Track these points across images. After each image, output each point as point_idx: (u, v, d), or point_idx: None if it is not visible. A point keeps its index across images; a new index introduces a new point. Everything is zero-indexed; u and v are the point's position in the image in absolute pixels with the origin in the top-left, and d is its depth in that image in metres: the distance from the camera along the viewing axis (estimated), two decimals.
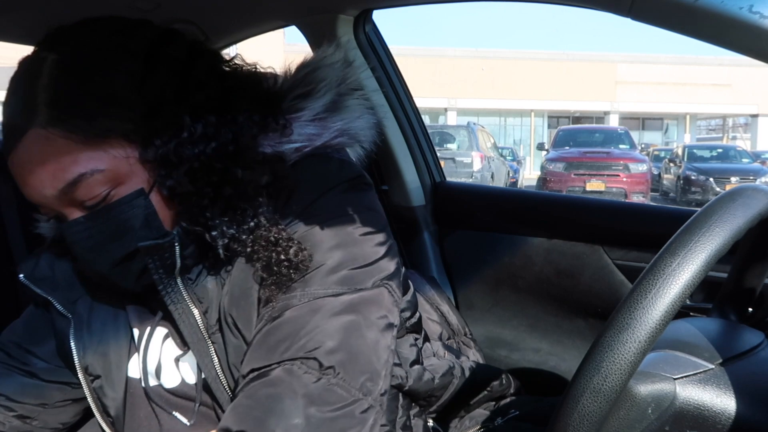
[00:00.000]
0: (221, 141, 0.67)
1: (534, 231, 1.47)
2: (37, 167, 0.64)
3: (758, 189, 0.59)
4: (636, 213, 1.48)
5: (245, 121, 0.69)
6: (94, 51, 0.67)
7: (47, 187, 0.65)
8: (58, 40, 0.69)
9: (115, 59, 0.67)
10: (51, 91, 0.64)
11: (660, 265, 0.51)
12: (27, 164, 0.64)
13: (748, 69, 23.05)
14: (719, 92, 24.85)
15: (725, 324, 0.75)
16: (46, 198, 0.66)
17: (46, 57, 0.66)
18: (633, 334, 0.50)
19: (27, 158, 0.64)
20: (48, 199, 0.66)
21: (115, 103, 0.65)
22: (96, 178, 0.65)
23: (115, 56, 0.67)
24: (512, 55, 25.29)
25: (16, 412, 0.82)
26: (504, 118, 27.03)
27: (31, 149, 0.64)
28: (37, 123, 0.63)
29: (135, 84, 0.66)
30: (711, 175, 12.64)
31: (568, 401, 0.51)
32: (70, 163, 0.64)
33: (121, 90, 0.66)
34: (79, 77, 0.65)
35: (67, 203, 0.66)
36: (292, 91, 0.75)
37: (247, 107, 0.70)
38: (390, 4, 1.47)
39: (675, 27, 0.67)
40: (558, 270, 1.43)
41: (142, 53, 0.68)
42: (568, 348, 1.42)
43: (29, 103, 0.64)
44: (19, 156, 0.64)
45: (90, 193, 0.65)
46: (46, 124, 0.63)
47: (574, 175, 11.31)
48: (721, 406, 0.57)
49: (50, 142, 0.63)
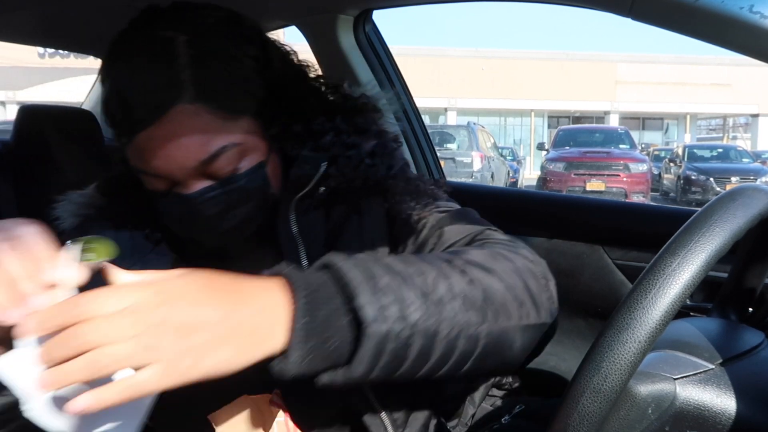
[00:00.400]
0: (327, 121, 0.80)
1: (534, 231, 1.47)
2: (184, 140, 0.68)
3: (758, 189, 0.59)
4: (636, 213, 1.49)
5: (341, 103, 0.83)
6: (221, 35, 0.72)
7: (190, 159, 0.69)
8: (175, 23, 0.71)
9: (240, 44, 0.73)
10: (194, 69, 0.68)
11: (660, 265, 0.51)
12: (172, 137, 0.68)
13: (748, 69, 23.05)
14: (719, 92, 24.85)
15: (725, 324, 0.75)
16: (183, 169, 0.69)
17: (175, 37, 0.69)
18: (633, 334, 0.49)
19: (173, 131, 0.67)
20: (184, 170, 0.70)
21: (246, 84, 0.72)
22: (233, 152, 0.71)
23: (240, 42, 0.73)
24: (512, 55, 25.30)
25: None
26: (504, 118, 27.04)
27: (177, 123, 0.67)
28: (184, 99, 0.67)
29: (258, 67, 0.74)
30: (711, 175, 12.64)
31: (568, 401, 0.51)
32: (214, 137, 0.69)
33: (250, 72, 0.73)
34: (218, 58, 0.70)
35: (200, 174, 0.71)
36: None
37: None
38: (390, 4, 1.48)
39: (675, 27, 0.67)
40: (558, 270, 1.42)
41: (258, 40, 0.76)
42: (567, 348, 1.41)
43: (173, 80, 0.67)
44: (163, 129, 0.67)
45: (225, 165, 0.71)
46: (193, 100, 0.67)
47: (574, 175, 11.31)
48: (722, 406, 0.57)
49: (197, 116, 0.68)
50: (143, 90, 0.68)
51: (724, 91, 24.76)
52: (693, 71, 24.46)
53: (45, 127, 1.83)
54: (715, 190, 12.02)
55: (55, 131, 1.83)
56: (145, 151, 0.69)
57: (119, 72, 0.70)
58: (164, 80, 0.68)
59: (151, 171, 0.71)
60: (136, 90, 0.68)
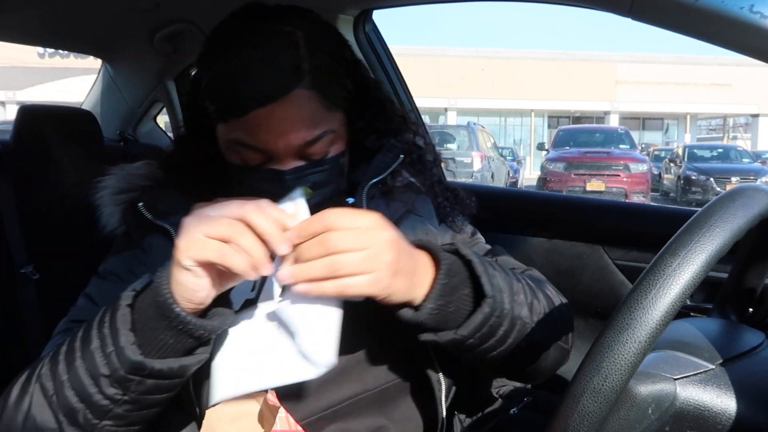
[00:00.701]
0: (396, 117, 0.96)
1: (534, 231, 1.47)
2: (298, 120, 0.77)
3: (759, 189, 0.59)
4: (636, 213, 1.49)
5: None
6: (328, 36, 0.83)
7: (298, 138, 0.77)
8: (293, 20, 0.80)
9: (339, 47, 0.84)
10: (311, 61, 0.77)
11: (660, 265, 0.51)
12: (289, 116, 0.76)
13: (748, 69, 23.05)
14: (720, 92, 24.85)
15: (726, 324, 0.75)
16: (290, 147, 0.78)
17: (294, 32, 0.78)
18: (633, 335, 0.49)
19: (290, 111, 0.76)
20: (290, 148, 0.78)
21: (342, 81, 0.82)
22: (328, 138, 0.80)
23: (339, 45, 0.84)
24: (512, 54, 25.30)
25: None
26: (504, 118, 27.04)
27: (296, 104, 0.76)
28: (303, 84, 0.76)
29: (349, 69, 0.85)
30: (711, 175, 12.64)
31: (568, 401, 0.51)
32: (319, 122, 0.79)
33: (345, 72, 0.83)
34: (327, 55, 0.80)
35: (299, 154, 0.79)
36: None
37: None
38: (390, 4, 1.48)
39: (675, 27, 0.67)
40: (558, 270, 1.43)
41: (349, 46, 0.86)
42: None
43: (296, 67, 0.76)
44: (282, 108, 0.76)
45: (320, 149, 0.80)
46: (309, 87, 0.77)
47: (574, 175, 11.31)
48: (722, 406, 0.57)
49: (310, 102, 0.77)
50: (270, 71, 0.76)
51: (725, 91, 24.76)
52: (693, 71, 24.47)
53: (45, 127, 1.83)
54: (715, 190, 12.03)
55: (55, 131, 1.83)
56: (260, 126, 0.76)
57: (237, 55, 0.77)
58: (289, 66, 0.76)
59: (259, 145, 0.78)
60: (262, 71, 0.76)
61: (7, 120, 12.94)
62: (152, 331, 0.63)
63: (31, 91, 20.34)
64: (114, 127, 2.19)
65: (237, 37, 0.79)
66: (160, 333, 0.63)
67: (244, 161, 0.81)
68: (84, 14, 1.61)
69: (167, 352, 0.64)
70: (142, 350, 0.63)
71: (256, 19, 0.81)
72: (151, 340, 0.64)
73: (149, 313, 0.64)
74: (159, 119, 2.39)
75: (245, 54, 0.76)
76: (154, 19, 1.61)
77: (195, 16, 1.59)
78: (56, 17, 1.62)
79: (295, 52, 0.77)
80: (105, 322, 0.65)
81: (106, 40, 1.86)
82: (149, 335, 0.64)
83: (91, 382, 0.64)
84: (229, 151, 0.82)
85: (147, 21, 1.62)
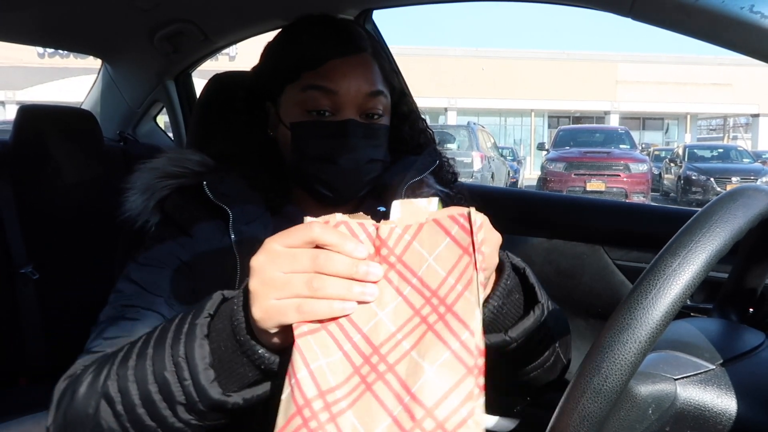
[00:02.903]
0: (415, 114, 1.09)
1: (534, 231, 1.47)
2: (366, 72, 0.90)
3: (759, 189, 0.59)
4: (636, 213, 1.49)
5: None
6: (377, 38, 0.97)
7: (365, 86, 0.89)
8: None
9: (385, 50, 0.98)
10: (371, 41, 0.94)
11: (660, 266, 0.51)
12: (361, 66, 0.90)
13: (749, 69, 23.05)
14: (720, 92, 24.85)
15: (726, 324, 0.75)
16: (358, 92, 0.88)
17: (357, 24, 0.99)
18: (633, 335, 0.49)
19: (362, 63, 0.90)
20: (357, 94, 0.88)
21: (389, 76, 0.95)
22: (383, 99, 0.91)
23: (384, 49, 0.98)
24: (512, 55, 25.30)
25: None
26: (504, 118, 27.04)
27: (365, 61, 0.91)
28: (368, 52, 0.92)
29: (392, 72, 0.98)
30: (712, 175, 12.64)
31: (569, 402, 0.51)
32: (378, 81, 0.91)
33: (390, 71, 0.97)
34: (380, 48, 0.97)
35: (360, 107, 0.89)
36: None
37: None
38: (390, 4, 1.48)
39: (675, 27, 0.67)
40: (558, 270, 1.43)
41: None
42: None
43: (364, 38, 0.93)
44: (355, 59, 0.90)
45: (377, 106, 0.90)
46: (372, 56, 0.92)
47: (574, 175, 11.31)
48: (722, 406, 0.57)
49: (374, 66, 0.92)
50: (345, 32, 0.92)
51: (725, 91, 24.76)
52: (693, 71, 24.46)
53: (45, 127, 1.83)
54: (715, 190, 12.03)
55: (55, 131, 1.83)
56: (336, 71, 0.88)
57: (315, 26, 0.93)
58: (358, 33, 0.94)
59: (332, 87, 0.87)
60: (338, 31, 0.92)
61: (7, 120, 12.93)
62: (230, 365, 0.61)
63: (30, 91, 20.34)
64: (114, 127, 2.19)
65: (311, 17, 0.96)
66: (239, 368, 0.61)
67: (312, 107, 0.88)
68: (84, 14, 1.60)
69: (244, 385, 0.62)
70: (222, 387, 0.61)
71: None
72: (230, 375, 0.61)
73: (228, 347, 0.61)
74: (159, 119, 2.39)
75: (321, 19, 0.95)
76: (154, 19, 1.60)
77: (195, 16, 1.59)
78: (56, 17, 1.62)
79: (361, 30, 0.96)
80: (179, 348, 0.62)
81: (106, 40, 1.86)
82: (227, 370, 0.61)
83: (165, 406, 0.63)
84: (294, 108, 0.89)
85: (147, 21, 1.61)
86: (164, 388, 0.62)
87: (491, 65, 24.25)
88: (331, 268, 0.54)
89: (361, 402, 0.51)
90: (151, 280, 0.82)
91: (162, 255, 0.84)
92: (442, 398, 0.49)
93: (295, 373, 0.51)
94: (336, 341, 0.53)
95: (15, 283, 1.74)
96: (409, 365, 0.51)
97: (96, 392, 0.67)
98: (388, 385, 0.51)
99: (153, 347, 0.64)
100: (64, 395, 0.71)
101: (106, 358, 0.70)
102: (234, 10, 1.53)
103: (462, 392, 0.48)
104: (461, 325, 0.50)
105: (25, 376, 1.77)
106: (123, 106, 2.18)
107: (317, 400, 0.50)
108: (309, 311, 0.54)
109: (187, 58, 1.87)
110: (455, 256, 0.53)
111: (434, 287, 0.53)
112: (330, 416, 0.50)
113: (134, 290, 0.82)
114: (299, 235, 0.55)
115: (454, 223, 0.53)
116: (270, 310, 0.55)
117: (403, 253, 0.54)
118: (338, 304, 0.54)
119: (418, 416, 0.49)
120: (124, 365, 0.66)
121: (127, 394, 0.64)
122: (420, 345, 0.51)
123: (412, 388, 0.50)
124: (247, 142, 0.96)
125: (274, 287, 0.55)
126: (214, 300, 0.64)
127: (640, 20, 0.70)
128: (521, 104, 25.09)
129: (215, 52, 1.85)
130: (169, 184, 0.90)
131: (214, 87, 1.16)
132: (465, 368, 0.49)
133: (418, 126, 1.06)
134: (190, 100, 2.06)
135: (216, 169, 0.92)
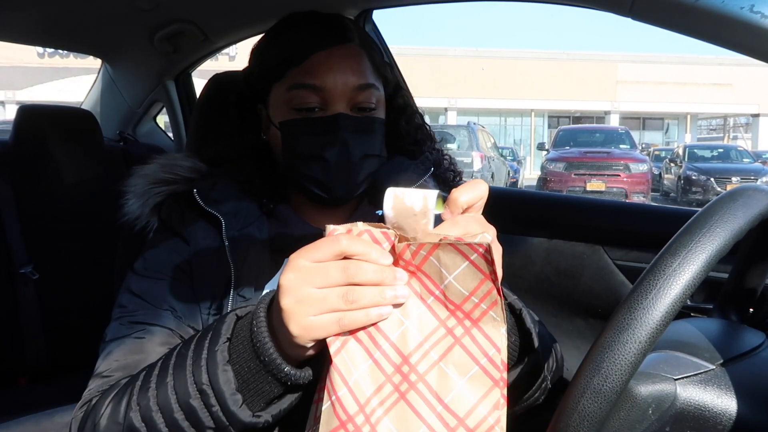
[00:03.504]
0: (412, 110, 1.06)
1: (534, 231, 1.47)
2: (354, 64, 0.87)
3: (759, 189, 0.59)
4: (636, 213, 1.48)
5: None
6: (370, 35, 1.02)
7: (353, 79, 0.86)
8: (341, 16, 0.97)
9: (378, 46, 0.97)
10: (359, 32, 0.92)
11: (660, 266, 0.51)
12: (347, 60, 0.87)
13: (749, 69, 23.05)
14: (720, 92, 24.84)
15: (726, 324, 0.75)
16: (346, 86, 0.85)
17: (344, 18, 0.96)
18: (633, 335, 0.49)
19: (348, 54, 0.87)
20: (346, 87, 0.85)
21: (380, 69, 0.92)
22: (375, 92, 0.89)
23: (378, 45, 0.98)
24: (512, 55, 25.29)
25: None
26: (504, 118, 27.04)
27: (352, 52, 0.88)
28: (355, 42, 0.89)
29: (386, 67, 0.95)
30: (712, 175, 12.64)
31: (569, 402, 0.51)
32: (369, 73, 0.89)
33: (383, 65, 0.94)
34: (372, 42, 0.95)
35: (351, 100, 0.86)
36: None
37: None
38: (390, 4, 1.47)
39: (675, 27, 0.67)
40: (558, 270, 1.43)
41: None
42: (568, 348, 1.41)
43: (349, 30, 0.90)
44: (341, 51, 0.87)
45: (368, 99, 0.87)
46: (360, 46, 0.90)
47: (574, 175, 11.31)
48: (722, 406, 0.57)
49: (362, 56, 0.89)
50: (328, 24, 0.90)
51: (725, 91, 24.75)
52: (694, 71, 24.46)
53: (44, 127, 1.83)
54: (715, 190, 12.03)
55: (55, 131, 1.83)
56: (321, 65, 0.85)
57: (297, 17, 0.92)
58: (343, 23, 0.91)
59: (318, 83, 0.85)
60: (321, 23, 0.90)
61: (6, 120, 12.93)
62: (255, 384, 0.61)
63: (30, 91, 20.34)
64: (114, 127, 2.19)
65: (297, 15, 0.93)
66: (264, 386, 0.61)
67: (299, 105, 0.86)
68: (84, 14, 1.60)
69: (271, 401, 0.63)
70: (250, 408, 0.61)
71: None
72: (255, 394, 0.61)
73: (251, 368, 0.61)
74: (159, 119, 2.39)
75: (305, 15, 0.92)
76: (154, 19, 1.60)
77: (195, 16, 1.59)
78: (56, 17, 1.62)
79: (346, 20, 0.93)
80: (201, 376, 0.62)
81: (106, 40, 1.86)
82: (253, 390, 0.61)
83: (193, 431, 0.63)
84: (282, 107, 0.87)
85: (147, 21, 1.61)
86: (191, 416, 0.62)
87: (491, 65, 24.24)
88: (362, 278, 0.55)
89: (396, 410, 0.55)
90: (153, 293, 0.82)
91: (161, 265, 0.85)
92: (472, 408, 0.54)
93: (336, 391, 0.53)
94: (366, 349, 0.56)
95: (15, 283, 1.74)
96: (439, 375, 0.55)
97: (118, 424, 0.66)
98: (420, 395, 0.55)
99: (173, 375, 0.64)
100: (83, 427, 0.70)
101: (122, 387, 0.69)
102: (234, 10, 1.53)
103: (489, 402, 0.54)
104: (488, 342, 0.55)
105: (24, 376, 1.76)
106: (123, 106, 2.18)
107: (359, 415, 0.53)
108: (349, 323, 0.55)
109: (187, 58, 1.87)
110: (476, 280, 0.55)
111: (458, 302, 0.56)
112: (371, 428, 0.53)
113: (137, 304, 0.82)
114: (327, 249, 0.55)
115: (473, 250, 0.54)
116: (309, 327, 0.55)
117: (422, 264, 0.56)
118: (374, 311, 0.55)
119: (451, 425, 0.54)
120: (144, 395, 0.65)
121: (152, 424, 0.63)
122: (448, 356, 0.55)
123: (445, 399, 0.54)
124: (241, 146, 0.94)
125: (310, 305, 0.55)
126: (229, 323, 0.63)
127: (640, 20, 0.70)
128: (521, 104, 25.08)
129: (215, 52, 1.85)
130: (162, 191, 0.90)
131: (214, 87, 1.16)
132: (492, 381, 0.54)
133: (415, 121, 1.03)
134: (190, 100, 2.06)
135: (208, 174, 0.92)
